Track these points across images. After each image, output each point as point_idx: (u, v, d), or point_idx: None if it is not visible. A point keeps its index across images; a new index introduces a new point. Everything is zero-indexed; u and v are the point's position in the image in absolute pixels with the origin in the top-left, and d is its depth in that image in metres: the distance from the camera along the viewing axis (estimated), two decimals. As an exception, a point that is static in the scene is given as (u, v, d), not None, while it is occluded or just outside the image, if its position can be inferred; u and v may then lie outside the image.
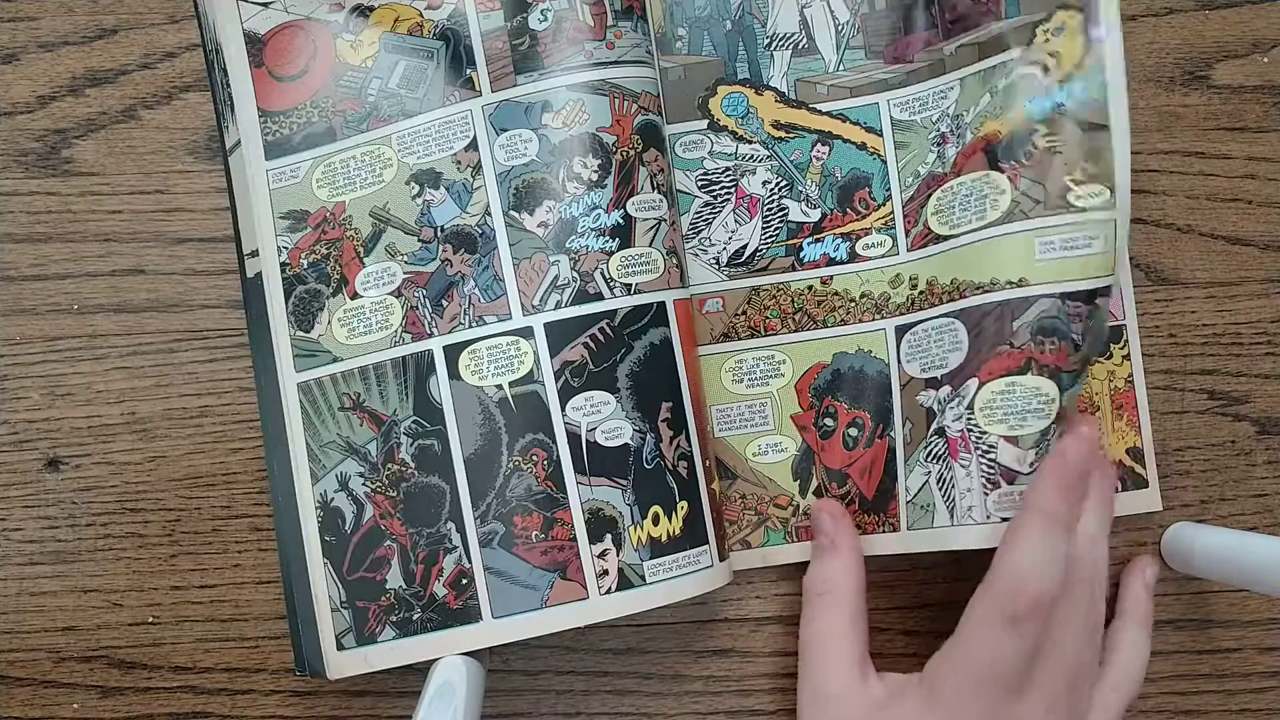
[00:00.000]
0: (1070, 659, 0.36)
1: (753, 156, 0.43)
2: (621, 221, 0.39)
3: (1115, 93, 0.37)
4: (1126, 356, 0.43)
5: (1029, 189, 0.38)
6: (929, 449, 0.40)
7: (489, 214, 0.39)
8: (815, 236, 0.42)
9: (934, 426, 0.40)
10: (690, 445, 0.39)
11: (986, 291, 0.38)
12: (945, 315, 0.39)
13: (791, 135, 0.42)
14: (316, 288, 0.40)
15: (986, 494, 0.38)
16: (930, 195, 0.41)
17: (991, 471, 0.38)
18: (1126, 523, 0.43)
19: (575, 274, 0.39)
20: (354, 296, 0.40)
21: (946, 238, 0.40)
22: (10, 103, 0.42)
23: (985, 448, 0.38)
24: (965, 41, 0.41)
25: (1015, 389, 0.38)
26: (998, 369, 0.38)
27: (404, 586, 0.39)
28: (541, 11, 0.39)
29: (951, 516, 0.39)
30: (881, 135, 0.42)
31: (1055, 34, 0.38)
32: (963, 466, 0.38)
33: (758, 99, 0.42)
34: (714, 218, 0.42)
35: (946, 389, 0.39)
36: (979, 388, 0.38)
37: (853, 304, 0.42)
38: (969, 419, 0.38)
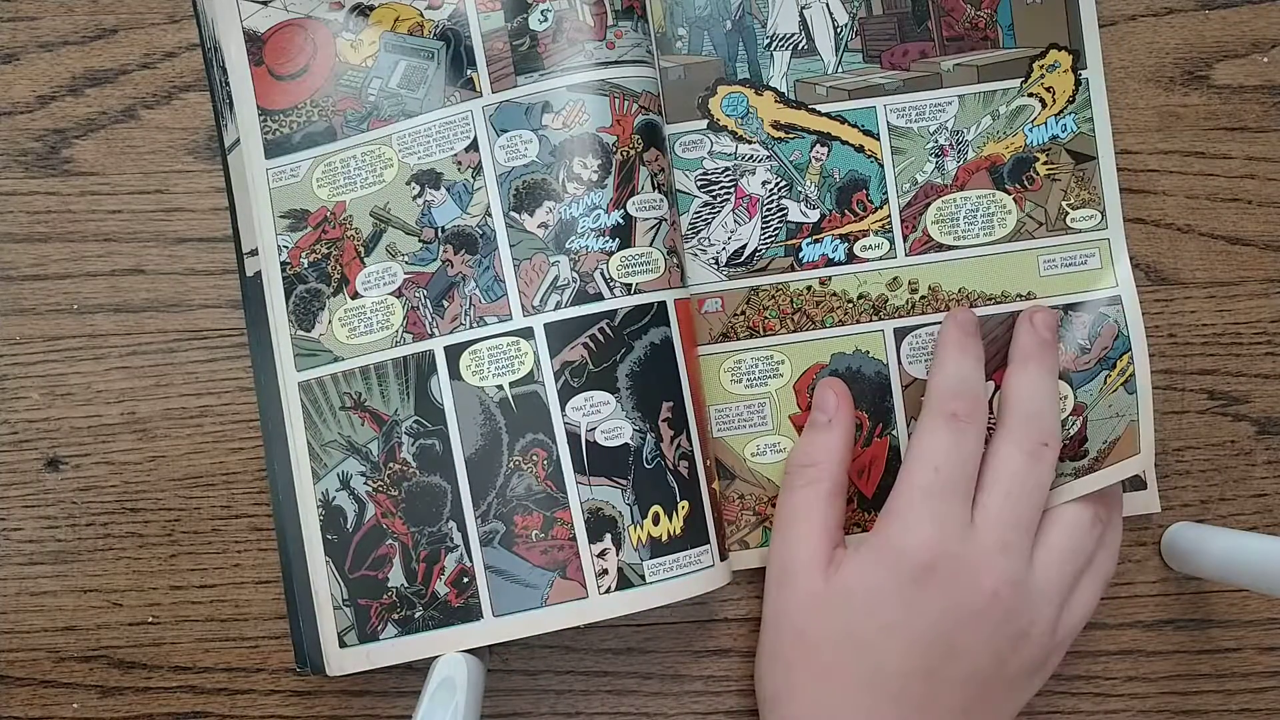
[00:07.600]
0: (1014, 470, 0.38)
1: (752, 157, 0.43)
2: (621, 222, 0.39)
3: (1103, 128, 0.43)
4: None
5: (1033, 211, 0.43)
6: None
7: (489, 215, 0.39)
8: (814, 237, 0.42)
9: None
10: (691, 445, 0.39)
11: (998, 302, 0.42)
12: None
13: (791, 136, 0.42)
14: (317, 287, 0.40)
15: None
16: (930, 204, 0.42)
17: None
18: (1126, 523, 0.43)
19: (575, 274, 0.39)
20: (355, 296, 0.40)
21: (950, 247, 0.42)
22: (10, 103, 0.42)
23: None
24: (963, 61, 0.42)
25: None
26: None
27: (406, 585, 0.39)
28: (542, 12, 0.39)
29: None
30: (879, 139, 0.42)
31: (1050, 70, 0.43)
32: None
33: (757, 99, 0.42)
34: (713, 218, 0.42)
35: None
36: (994, 390, 0.41)
37: (850, 305, 0.42)
38: (990, 417, 0.41)
